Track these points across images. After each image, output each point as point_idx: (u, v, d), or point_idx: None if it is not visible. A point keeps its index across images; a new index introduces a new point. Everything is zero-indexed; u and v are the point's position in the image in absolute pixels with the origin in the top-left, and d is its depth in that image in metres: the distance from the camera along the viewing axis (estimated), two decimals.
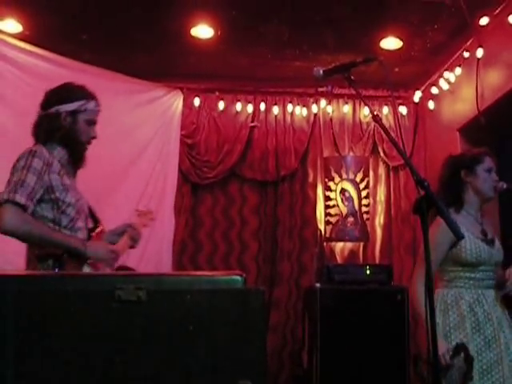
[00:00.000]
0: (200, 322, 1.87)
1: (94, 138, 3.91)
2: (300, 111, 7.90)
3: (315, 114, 7.94)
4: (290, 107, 7.87)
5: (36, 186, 3.57)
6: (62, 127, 3.78)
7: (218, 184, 7.72)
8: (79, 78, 6.06)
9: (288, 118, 7.90)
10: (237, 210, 7.73)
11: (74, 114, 3.80)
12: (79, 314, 1.83)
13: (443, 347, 3.84)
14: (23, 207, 3.52)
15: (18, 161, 3.65)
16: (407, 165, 2.98)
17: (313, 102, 7.91)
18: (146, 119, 7.09)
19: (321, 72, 3.31)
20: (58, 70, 6.06)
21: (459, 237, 2.72)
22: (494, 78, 6.12)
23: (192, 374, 1.85)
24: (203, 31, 6.35)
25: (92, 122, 3.88)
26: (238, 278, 1.97)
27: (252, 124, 7.80)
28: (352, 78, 3.21)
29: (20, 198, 3.50)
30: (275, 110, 7.83)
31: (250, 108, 7.77)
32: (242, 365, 1.86)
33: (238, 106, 7.73)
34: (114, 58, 6.72)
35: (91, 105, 3.86)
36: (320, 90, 7.72)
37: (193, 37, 6.43)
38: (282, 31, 6.39)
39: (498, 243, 4.20)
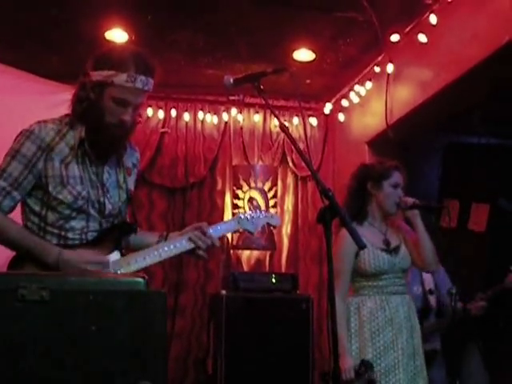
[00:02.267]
0: (102, 323, 1.87)
1: (123, 121, 3.09)
2: (211, 119, 7.91)
3: (226, 123, 7.98)
4: (200, 114, 7.88)
5: (21, 177, 3.03)
6: (86, 100, 3.11)
7: None
8: None
9: (199, 125, 7.91)
10: (144, 216, 7.68)
11: (100, 85, 3.06)
12: None
13: (348, 362, 3.93)
14: None
15: (14, 139, 3.12)
16: (312, 174, 3.04)
17: (224, 111, 7.94)
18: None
19: (231, 80, 3.34)
20: None
21: (361, 246, 2.78)
22: (402, 94, 6.26)
23: (93, 374, 1.85)
24: (117, 35, 6.30)
25: (122, 102, 3.07)
26: (141, 280, 1.98)
27: (162, 130, 7.78)
28: (261, 87, 3.24)
29: None
30: (186, 116, 7.83)
31: (160, 114, 7.75)
32: (143, 365, 1.87)
33: (149, 112, 7.68)
34: (28, 57, 6.59)
35: (120, 78, 3.02)
36: (231, 98, 7.76)
37: (107, 40, 6.37)
38: (196, 38, 6.40)
39: (403, 250, 4.29)
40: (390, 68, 6.36)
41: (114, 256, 3.22)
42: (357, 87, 7.20)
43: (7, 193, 3.03)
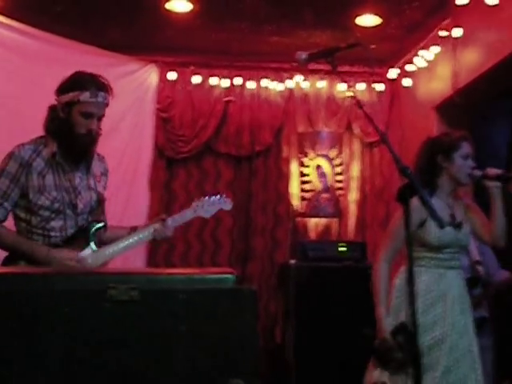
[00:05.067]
0: (192, 322, 1.86)
1: (91, 130, 3.70)
2: (275, 86, 7.85)
3: (290, 90, 7.91)
4: (265, 82, 7.82)
5: (8, 190, 3.65)
6: (58, 119, 3.72)
7: (192, 159, 7.69)
8: (52, 51, 6.07)
9: (263, 93, 7.87)
10: (211, 185, 7.71)
11: (68, 105, 3.67)
12: (71, 314, 1.82)
13: (384, 330, 3.90)
14: None
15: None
16: (389, 151, 2.97)
17: (288, 78, 7.87)
18: (120, 93, 6.90)
19: (304, 56, 3.27)
20: (32, 42, 5.98)
21: (441, 226, 2.74)
22: (470, 58, 6.13)
23: (185, 373, 1.84)
24: (181, 5, 6.28)
25: (88, 115, 3.67)
26: (230, 276, 1.97)
27: (227, 98, 7.76)
28: (335, 62, 3.19)
29: None
30: (250, 84, 7.79)
31: (225, 82, 7.71)
32: (234, 364, 1.86)
33: (214, 81, 7.66)
34: (89, 31, 6.64)
35: (84, 96, 3.64)
36: (295, 65, 7.67)
37: (167, 10, 6.36)
38: (260, 6, 6.34)
39: (466, 227, 4.22)
40: (456, 32, 6.20)
41: (86, 251, 3.78)
42: (422, 52, 7.04)
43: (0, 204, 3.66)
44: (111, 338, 1.84)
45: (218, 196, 4.62)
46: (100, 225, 3.89)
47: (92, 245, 3.79)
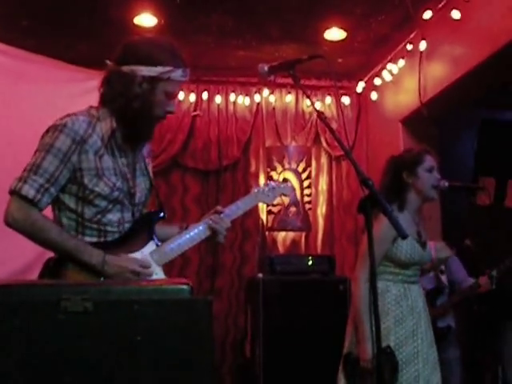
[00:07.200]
0: (147, 333, 1.84)
1: (169, 113, 3.15)
2: (243, 100, 7.87)
3: (258, 104, 7.93)
4: (232, 96, 7.84)
5: (57, 172, 2.95)
6: (134, 95, 3.04)
7: (159, 173, 7.62)
8: (21, 65, 6.01)
9: (231, 107, 7.87)
10: (178, 200, 7.69)
11: (153, 80, 3.04)
12: (23, 326, 1.78)
13: (368, 351, 3.89)
14: (31, 202, 2.91)
15: (44, 134, 3.02)
16: (352, 163, 2.94)
17: (255, 92, 7.88)
18: None
19: (266, 68, 3.28)
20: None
21: (403, 236, 2.73)
22: (436, 71, 6.18)
23: (140, 383, 1.83)
24: (146, 20, 6.28)
25: (172, 95, 3.12)
26: (185, 287, 1.94)
27: (194, 113, 7.75)
28: (297, 74, 3.20)
29: (28, 191, 2.91)
30: (218, 99, 7.79)
31: (192, 97, 7.70)
32: (190, 375, 1.85)
33: (181, 95, 7.63)
34: (57, 45, 6.58)
35: (177, 74, 3.05)
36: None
37: (136, 25, 6.35)
38: (226, 21, 6.35)
39: (428, 245, 4.26)
40: (422, 45, 6.27)
41: (150, 246, 3.22)
42: (389, 65, 7.10)
43: (45, 190, 2.94)
44: (65, 350, 1.81)
45: (278, 182, 4.21)
46: (161, 215, 3.34)
47: (155, 240, 3.26)
